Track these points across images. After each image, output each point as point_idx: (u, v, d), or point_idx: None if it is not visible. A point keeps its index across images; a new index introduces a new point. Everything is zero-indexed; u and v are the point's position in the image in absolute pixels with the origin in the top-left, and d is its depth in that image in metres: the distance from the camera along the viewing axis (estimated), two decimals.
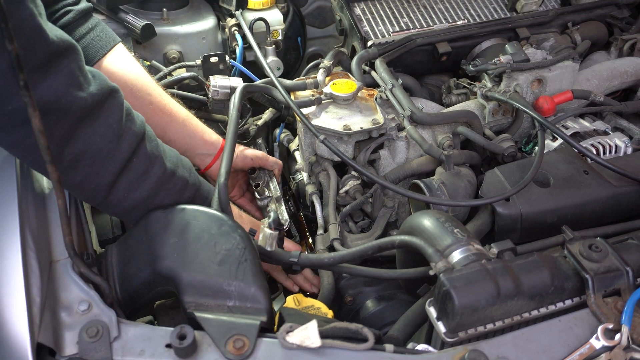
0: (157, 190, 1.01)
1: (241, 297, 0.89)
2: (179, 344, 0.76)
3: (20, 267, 0.86)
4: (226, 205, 1.06)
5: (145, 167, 0.99)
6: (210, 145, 1.34)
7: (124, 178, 0.97)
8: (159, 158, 1.01)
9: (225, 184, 1.07)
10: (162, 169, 1.01)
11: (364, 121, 1.32)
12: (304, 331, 0.77)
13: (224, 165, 1.11)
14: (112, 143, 0.93)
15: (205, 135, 1.34)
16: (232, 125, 1.20)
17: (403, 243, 0.97)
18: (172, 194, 1.03)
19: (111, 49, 1.24)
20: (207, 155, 1.34)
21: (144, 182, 0.99)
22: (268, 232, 1.04)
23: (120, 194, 0.98)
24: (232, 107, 1.27)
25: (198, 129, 1.34)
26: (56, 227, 0.98)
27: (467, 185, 1.22)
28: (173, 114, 1.30)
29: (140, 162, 0.98)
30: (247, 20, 1.65)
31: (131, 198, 0.99)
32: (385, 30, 1.58)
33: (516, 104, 1.30)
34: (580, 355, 0.79)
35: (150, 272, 0.96)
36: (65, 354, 0.81)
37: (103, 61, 1.22)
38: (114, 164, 0.94)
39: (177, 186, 1.04)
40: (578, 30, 1.59)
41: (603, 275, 0.86)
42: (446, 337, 0.84)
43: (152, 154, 1.00)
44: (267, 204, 1.41)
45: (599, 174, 1.17)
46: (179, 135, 1.30)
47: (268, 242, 1.05)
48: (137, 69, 1.28)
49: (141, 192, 0.99)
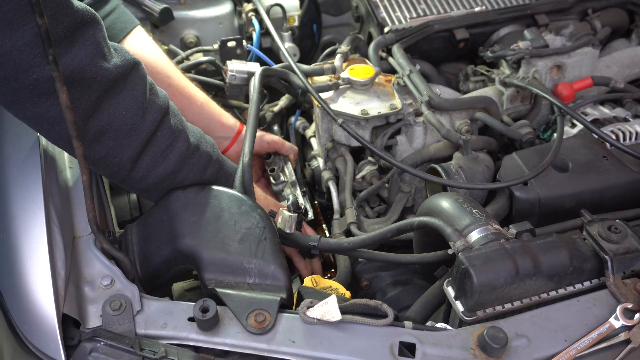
0: (181, 165, 1.01)
1: (261, 275, 0.90)
2: (202, 316, 0.78)
3: (45, 241, 0.87)
4: (249, 185, 1.07)
5: (170, 141, 0.99)
6: (228, 129, 1.35)
7: (148, 152, 0.97)
8: (183, 132, 1.01)
9: (249, 163, 1.07)
10: (186, 144, 1.01)
11: (382, 106, 1.32)
12: (324, 306, 0.78)
13: (247, 146, 1.11)
14: (136, 116, 0.93)
15: (223, 119, 1.35)
16: (254, 107, 1.21)
17: (422, 224, 0.97)
18: (196, 170, 1.03)
19: (131, 31, 1.25)
20: (224, 138, 1.35)
21: (168, 156, 0.99)
22: (287, 214, 1.05)
23: (144, 169, 0.98)
24: (252, 89, 1.27)
25: (216, 112, 1.35)
26: (78, 204, 0.99)
27: (484, 170, 1.22)
28: (192, 97, 1.31)
29: (164, 136, 0.98)
30: (264, 5, 1.65)
31: (155, 173, 0.99)
32: (402, 16, 1.57)
33: (535, 89, 1.29)
34: (599, 335, 0.80)
35: (170, 250, 0.98)
36: (89, 326, 0.83)
37: (123, 43, 1.23)
38: (138, 138, 0.94)
39: (201, 161, 1.04)
40: (598, 17, 1.57)
41: (622, 257, 0.86)
42: (464, 316, 0.85)
43: (176, 128, 1.00)
44: (282, 189, 1.42)
45: (618, 159, 1.16)
46: (197, 118, 1.30)
47: (287, 225, 1.06)
48: (157, 51, 1.29)
49: (165, 166, 0.99)
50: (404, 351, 0.80)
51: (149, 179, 0.99)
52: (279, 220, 1.07)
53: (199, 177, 1.04)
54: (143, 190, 1.04)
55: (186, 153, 1.01)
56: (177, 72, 1.31)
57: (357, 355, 0.79)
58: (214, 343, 0.81)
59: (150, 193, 1.05)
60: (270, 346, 0.80)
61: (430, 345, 0.80)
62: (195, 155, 1.03)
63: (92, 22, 0.86)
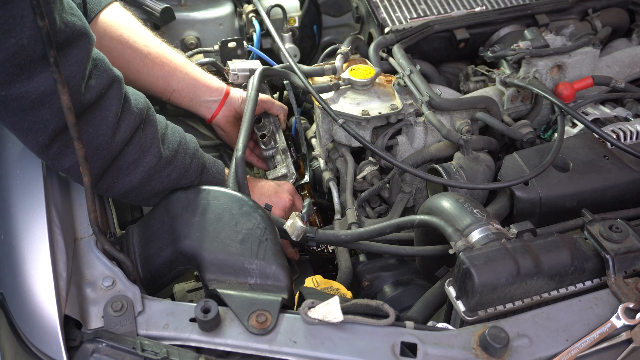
0: (148, 178, 1.00)
1: (262, 275, 0.90)
2: (203, 317, 0.78)
3: (47, 243, 0.88)
4: (243, 180, 1.06)
5: (137, 156, 0.97)
6: (214, 91, 1.34)
7: (114, 167, 0.96)
8: (155, 146, 0.99)
9: (242, 157, 1.08)
10: (156, 159, 0.99)
11: (382, 107, 1.32)
12: (326, 307, 0.78)
13: (242, 141, 1.11)
14: (104, 136, 0.91)
15: (208, 82, 1.33)
16: (251, 104, 1.21)
17: (422, 222, 0.97)
18: (167, 182, 1.03)
19: (108, 5, 1.22)
20: (212, 102, 1.33)
21: (134, 170, 0.98)
22: (299, 224, 1.04)
23: (110, 181, 0.98)
24: (250, 87, 1.28)
25: (201, 75, 1.33)
26: (79, 206, 1.00)
27: (485, 170, 1.22)
28: (173, 63, 1.28)
29: (131, 151, 0.96)
30: (264, 6, 1.66)
31: (120, 185, 0.99)
32: (402, 16, 1.57)
33: (535, 89, 1.29)
34: (601, 334, 0.80)
35: (172, 251, 0.98)
36: (91, 327, 0.83)
37: (100, 15, 1.21)
38: (104, 157, 0.93)
39: (174, 174, 1.03)
40: (599, 16, 1.57)
41: (623, 256, 0.86)
42: (465, 316, 0.85)
43: (147, 143, 0.98)
44: (272, 155, 1.42)
45: (619, 159, 1.16)
46: (182, 84, 1.29)
47: (295, 233, 1.05)
48: (133, 22, 1.26)
49: (131, 179, 0.98)
50: (406, 351, 0.80)
51: (114, 190, 0.99)
52: (289, 224, 1.06)
53: (171, 186, 1.03)
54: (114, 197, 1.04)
55: (155, 168, 1.00)
56: (155, 41, 1.28)
57: (358, 355, 0.79)
58: (216, 344, 0.81)
59: (122, 199, 1.04)
60: (272, 347, 0.80)
61: (431, 345, 0.80)
62: (166, 169, 1.02)
63: (77, 41, 0.84)
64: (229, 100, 1.36)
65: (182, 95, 1.29)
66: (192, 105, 1.32)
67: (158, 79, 1.20)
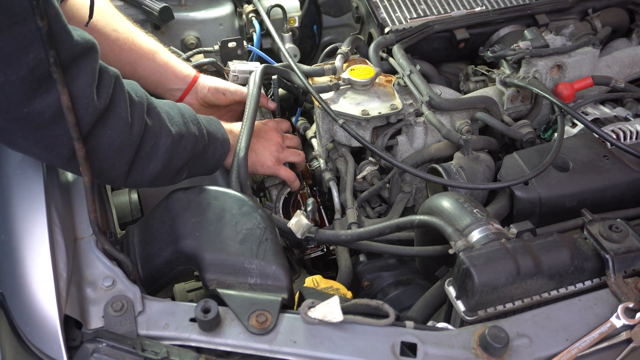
0: (170, 157, 1.01)
1: (262, 275, 0.90)
2: (204, 317, 0.78)
3: (47, 243, 0.87)
4: (245, 180, 1.07)
5: (153, 142, 0.98)
6: (181, 80, 1.33)
7: (137, 160, 0.97)
8: (164, 127, 1.00)
9: (245, 158, 1.09)
10: (170, 137, 1.00)
11: (382, 107, 1.32)
12: (326, 306, 0.78)
13: (244, 140, 1.12)
14: (124, 134, 0.92)
15: (176, 70, 1.33)
16: (253, 102, 1.21)
17: (422, 222, 0.97)
18: (186, 153, 1.04)
19: None
20: (177, 90, 1.33)
21: (155, 156, 0.99)
22: (304, 222, 1.04)
23: (137, 175, 0.99)
24: (251, 84, 1.28)
25: (169, 63, 1.32)
26: (79, 206, 0.99)
27: (485, 170, 1.22)
28: (142, 49, 1.27)
29: (147, 139, 0.97)
30: (264, 6, 1.66)
31: (147, 174, 1.00)
32: (402, 16, 1.57)
33: (535, 89, 1.29)
34: (601, 334, 0.80)
35: (172, 251, 0.98)
36: (91, 327, 0.83)
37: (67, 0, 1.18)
38: (128, 154, 0.94)
39: (189, 145, 1.04)
40: (598, 16, 1.57)
41: (623, 256, 0.86)
42: (465, 316, 0.85)
43: (155, 127, 0.98)
44: None
45: (619, 158, 1.16)
46: (149, 71, 1.28)
47: (300, 231, 1.05)
48: (104, 5, 1.25)
49: (155, 165, 0.99)
50: (406, 351, 0.80)
51: (143, 181, 1.01)
52: (294, 222, 1.06)
53: (190, 157, 1.05)
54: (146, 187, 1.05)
55: (172, 146, 1.01)
56: (127, 24, 1.27)
57: (358, 355, 0.79)
58: (216, 344, 0.81)
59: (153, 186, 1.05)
60: (272, 346, 0.80)
61: (431, 345, 0.80)
62: (181, 143, 1.03)
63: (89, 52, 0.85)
64: (195, 89, 1.35)
65: (148, 82, 1.28)
66: (158, 92, 1.32)
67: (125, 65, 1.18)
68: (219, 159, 1.14)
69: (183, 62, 1.36)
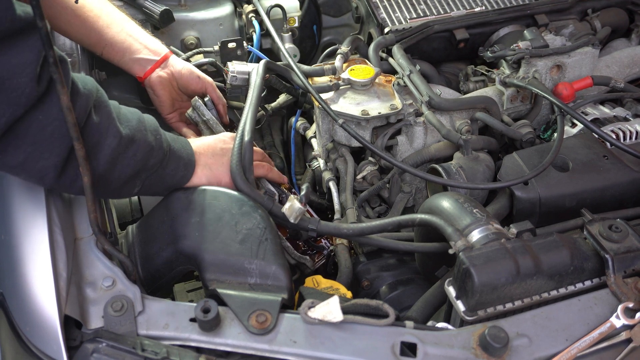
0: (113, 161, 0.92)
1: (262, 275, 0.91)
2: (203, 317, 0.78)
3: (47, 243, 0.88)
4: (249, 164, 1.06)
5: (96, 139, 0.89)
6: (152, 52, 1.28)
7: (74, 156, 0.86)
8: (112, 126, 0.91)
9: (250, 141, 1.07)
10: (117, 138, 0.91)
11: (382, 107, 1.32)
12: (326, 306, 0.78)
13: (249, 124, 1.10)
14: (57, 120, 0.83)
15: (146, 41, 1.27)
16: (256, 91, 1.21)
17: (423, 221, 0.97)
18: (135, 162, 0.95)
19: None
20: (147, 60, 1.27)
21: (95, 155, 0.90)
22: (297, 206, 1.03)
23: (72, 173, 0.89)
24: (255, 74, 1.28)
25: (139, 34, 1.27)
26: (79, 206, 1.00)
27: (485, 170, 1.22)
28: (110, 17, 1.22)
29: (88, 134, 0.88)
30: (264, 6, 1.66)
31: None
32: (402, 17, 1.57)
33: (535, 89, 1.29)
34: (600, 334, 0.80)
35: (172, 251, 0.98)
36: (91, 327, 0.83)
37: None
38: (60, 144, 0.85)
39: (139, 153, 0.95)
40: (598, 16, 1.57)
41: (623, 256, 0.86)
42: (465, 316, 0.85)
43: (102, 124, 0.90)
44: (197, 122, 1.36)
45: (619, 158, 1.16)
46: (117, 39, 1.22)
47: (293, 215, 1.04)
48: None
49: (95, 166, 0.90)
50: (406, 351, 0.80)
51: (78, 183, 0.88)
52: (287, 206, 1.05)
53: (140, 169, 0.96)
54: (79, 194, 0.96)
55: (118, 149, 0.92)
56: None
57: (358, 355, 0.79)
58: (216, 344, 0.81)
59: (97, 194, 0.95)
60: (272, 346, 0.80)
61: (431, 345, 0.80)
62: (130, 149, 0.94)
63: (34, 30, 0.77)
64: (168, 63, 1.31)
65: (114, 50, 1.23)
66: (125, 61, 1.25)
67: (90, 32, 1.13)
68: (180, 180, 1.05)
69: (155, 38, 1.31)
